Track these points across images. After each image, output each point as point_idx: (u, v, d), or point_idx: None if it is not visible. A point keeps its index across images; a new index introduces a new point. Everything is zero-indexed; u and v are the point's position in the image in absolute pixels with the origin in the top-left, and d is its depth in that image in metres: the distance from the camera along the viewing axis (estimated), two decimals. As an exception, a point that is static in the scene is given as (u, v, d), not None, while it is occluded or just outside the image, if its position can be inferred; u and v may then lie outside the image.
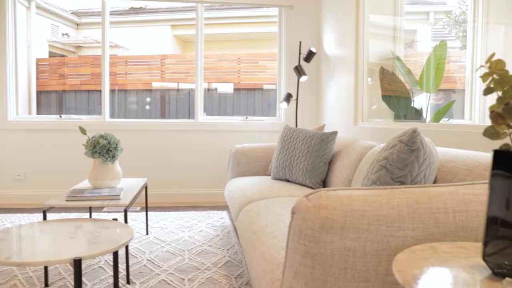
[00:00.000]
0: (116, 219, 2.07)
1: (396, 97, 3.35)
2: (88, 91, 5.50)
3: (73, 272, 2.31)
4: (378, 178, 1.38)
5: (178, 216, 3.61)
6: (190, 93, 5.20)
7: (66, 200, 2.18)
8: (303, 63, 4.39)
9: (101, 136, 2.49)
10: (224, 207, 4.03)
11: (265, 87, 5.22)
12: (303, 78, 4.05)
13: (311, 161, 2.70)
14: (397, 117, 3.42)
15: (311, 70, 4.39)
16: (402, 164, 1.34)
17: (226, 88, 5.25)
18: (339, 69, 3.81)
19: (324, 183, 2.77)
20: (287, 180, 2.90)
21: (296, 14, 4.38)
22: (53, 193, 4.20)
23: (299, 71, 4.03)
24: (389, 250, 1.14)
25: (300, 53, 4.21)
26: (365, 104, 3.51)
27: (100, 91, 5.09)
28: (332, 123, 3.97)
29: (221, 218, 3.56)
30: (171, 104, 5.36)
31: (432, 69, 3.17)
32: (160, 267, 2.40)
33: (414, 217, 1.16)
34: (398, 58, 3.44)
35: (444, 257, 1.02)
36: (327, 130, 4.10)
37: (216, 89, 5.31)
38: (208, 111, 5.15)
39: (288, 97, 4.10)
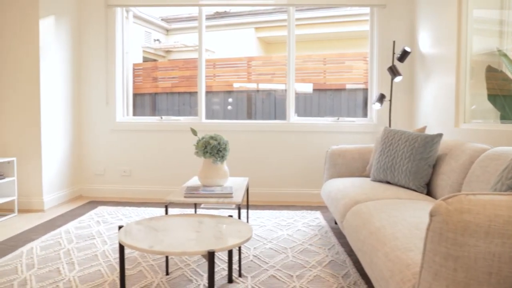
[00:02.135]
0: (231, 216, 2.21)
1: (504, 96, 3.17)
2: (179, 93, 5.81)
3: (188, 263, 2.50)
4: (515, 183, 1.35)
5: (273, 214, 3.73)
6: (275, 94, 5.29)
7: (184, 197, 2.37)
8: (396, 62, 4.29)
9: (211, 137, 2.66)
10: (316, 207, 4.08)
11: (350, 87, 5.17)
12: (397, 79, 3.97)
13: (415, 163, 2.65)
14: (504, 117, 3.24)
15: (404, 70, 4.28)
16: (543, 169, 1.30)
17: (306, 88, 5.28)
18: (437, 68, 3.68)
19: (428, 186, 2.71)
20: (388, 182, 2.88)
21: (388, 12, 4.31)
22: (155, 190, 4.53)
23: (393, 71, 3.96)
24: (536, 257, 1.12)
25: (394, 53, 4.13)
26: (467, 105, 3.36)
27: (190, 93, 5.36)
28: (429, 125, 3.84)
29: (315, 218, 3.61)
30: (257, 105, 5.50)
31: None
32: (267, 263, 2.51)
33: None
34: (504, 55, 3.26)
35: None
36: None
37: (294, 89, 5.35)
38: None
39: (381, 98, 4.05)
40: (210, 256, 1.63)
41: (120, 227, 1.97)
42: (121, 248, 1.90)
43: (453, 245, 1.15)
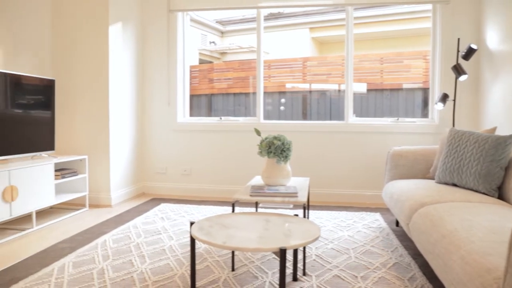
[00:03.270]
0: (297, 215, 2.25)
1: None
2: (234, 94, 5.92)
3: (252, 260, 2.56)
4: None
5: (332, 215, 3.73)
6: (330, 94, 5.26)
7: (250, 195, 2.43)
8: (460, 61, 4.14)
9: (275, 137, 2.71)
10: (375, 208, 4.03)
11: (407, 86, 5.03)
12: (462, 78, 3.83)
13: (485, 165, 2.56)
14: None
15: (469, 68, 4.12)
16: None
17: (360, 88, 5.20)
18: (507, 66, 3.52)
19: (500, 190, 2.60)
20: (454, 185, 2.79)
21: (452, 9, 4.16)
22: (214, 188, 4.66)
23: (458, 70, 3.83)
24: None
25: (458, 51, 3.98)
26: (540, 104, 3.18)
27: (244, 93, 5.47)
28: (497, 125, 3.67)
29: (375, 219, 3.57)
30: (312, 106, 5.49)
31: None
32: (330, 263, 2.53)
33: None
34: None
35: None
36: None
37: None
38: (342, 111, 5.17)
39: (444, 98, 3.92)
40: (282, 253, 1.68)
41: (192, 223, 2.06)
42: (192, 243, 2.00)
43: (542, 250, 1.12)
